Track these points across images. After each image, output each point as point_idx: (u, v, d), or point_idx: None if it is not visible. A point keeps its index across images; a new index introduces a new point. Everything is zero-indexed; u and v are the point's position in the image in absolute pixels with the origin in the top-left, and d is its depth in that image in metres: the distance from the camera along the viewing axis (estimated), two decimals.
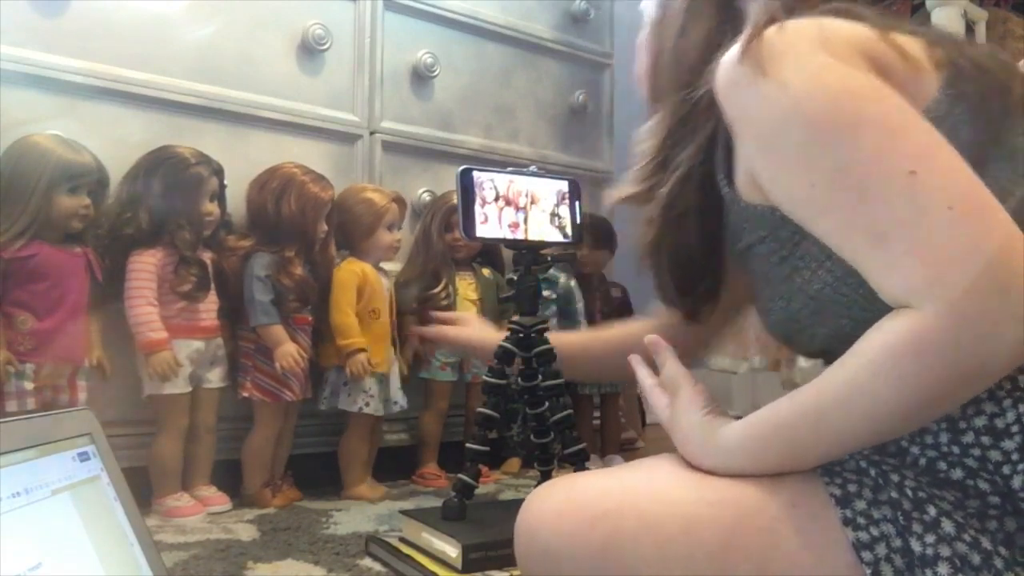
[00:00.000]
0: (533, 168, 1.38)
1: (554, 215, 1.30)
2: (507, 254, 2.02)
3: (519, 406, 1.97)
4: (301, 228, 1.57)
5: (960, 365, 0.55)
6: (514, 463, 1.97)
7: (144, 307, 1.43)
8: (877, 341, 0.58)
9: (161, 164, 1.47)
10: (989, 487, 0.60)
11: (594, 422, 2.16)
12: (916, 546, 0.59)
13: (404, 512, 1.27)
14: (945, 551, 0.58)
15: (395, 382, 1.73)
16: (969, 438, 0.61)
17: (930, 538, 0.58)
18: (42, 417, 0.63)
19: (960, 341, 0.54)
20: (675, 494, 0.68)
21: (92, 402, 1.39)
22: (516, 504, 0.75)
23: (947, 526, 0.58)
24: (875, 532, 0.61)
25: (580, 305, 2.08)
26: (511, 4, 2.14)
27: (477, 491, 1.23)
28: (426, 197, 1.94)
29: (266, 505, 1.54)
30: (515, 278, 1.30)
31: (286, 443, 1.63)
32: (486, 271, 1.94)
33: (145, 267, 1.44)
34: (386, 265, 1.78)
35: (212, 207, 1.52)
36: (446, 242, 1.87)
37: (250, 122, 1.69)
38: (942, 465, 0.62)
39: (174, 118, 1.59)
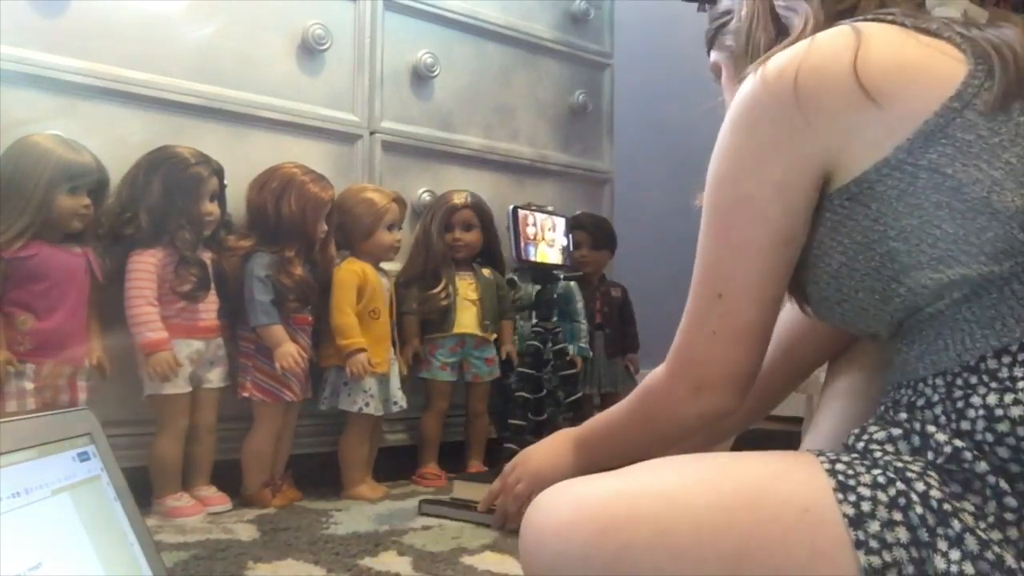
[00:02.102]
0: (550, 208, 1.89)
1: (557, 243, 1.74)
2: (507, 255, 2.03)
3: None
4: (301, 228, 1.57)
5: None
6: None
7: (144, 307, 1.43)
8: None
9: (161, 164, 1.47)
10: (1009, 486, 0.60)
11: None
12: (940, 563, 0.58)
13: (458, 476, 1.61)
14: (969, 569, 0.58)
15: (395, 382, 1.73)
16: (1005, 427, 0.61)
17: (955, 554, 0.58)
18: (42, 417, 0.63)
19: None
20: (687, 498, 0.68)
21: (92, 402, 1.39)
22: None
23: (971, 543, 0.58)
24: (887, 558, 0.60)
25: (580, 305, 2.08)
26: (511, 4, 2.14)
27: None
28: (426, 197, 1.94)
29: (266, 505, 1.54)
30: (539, 290, 1.77)
31: (286, 443, 1.63)
32: (486, 271, 1.94)
33: (145, 267, 1.44)
34: (386, 265, 1.78)
35: (212, 207, 1.52)
36: (446, 242, 1.87)
37: (250, 122, 1.69)
38: (967, 456, 0.61)
39: (174, 118, 1.59)
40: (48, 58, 1.45)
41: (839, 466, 0.66)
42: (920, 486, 0.61)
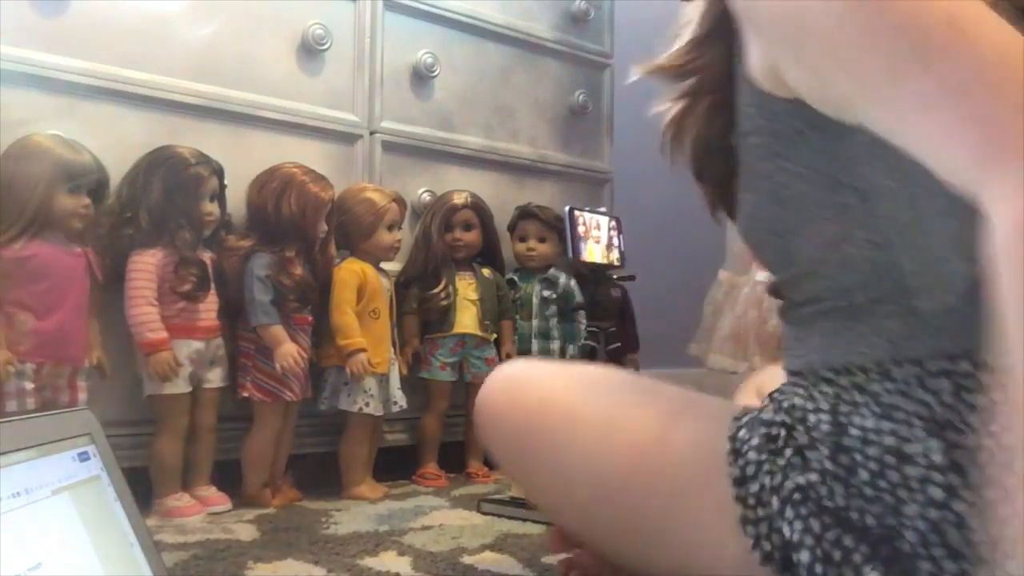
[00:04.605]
0: (602, 208, 1.88)
1: (611, 243, 1.76)
2: (508, 255, 2.04)
3: None
4: (301, 228, 1.57)
5: None
6: None
7: (144, 307, 1.43)
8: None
9: (161, 164, 1.47)
10: (874, 498, 0.65)
11: None
12: (786, 531, 0.67)
13: None
14: (809, 541, 0.66)
15: (395, 382, 1.73)
16: (874, 451, 0.65)
17: (798, 525, 0.67)
18: (42, 417, 0.63)
19: None
20: (590, 436, 0.80)
21: (92, 402, 1.39)
22: None
23: (814, 525, 0.66)
24: (760, 512, 0.69)
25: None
26: (511, 4, 2.14)
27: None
28: (426, 197, 1.94)
29: (266, 505, 1.54)
30: (592, 290, 1.79)
31: (286, 443, 1.63)
32: (486, 271, 1.94)
33: (145, 267, 1.44)
34: (386, 265, 1.78)
35: (212, 207, 1.52)
36: (446, 242, 1.87)
37: (250, 122, 1.69)
38: (843, 459, 0.67)
39: (174, 118, 1.59)
40: (48, 58, 1.45)
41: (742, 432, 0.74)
42: (791, 479, 0.69)
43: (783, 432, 0.71)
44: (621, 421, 0.81)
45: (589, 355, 1.63)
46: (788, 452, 0.70)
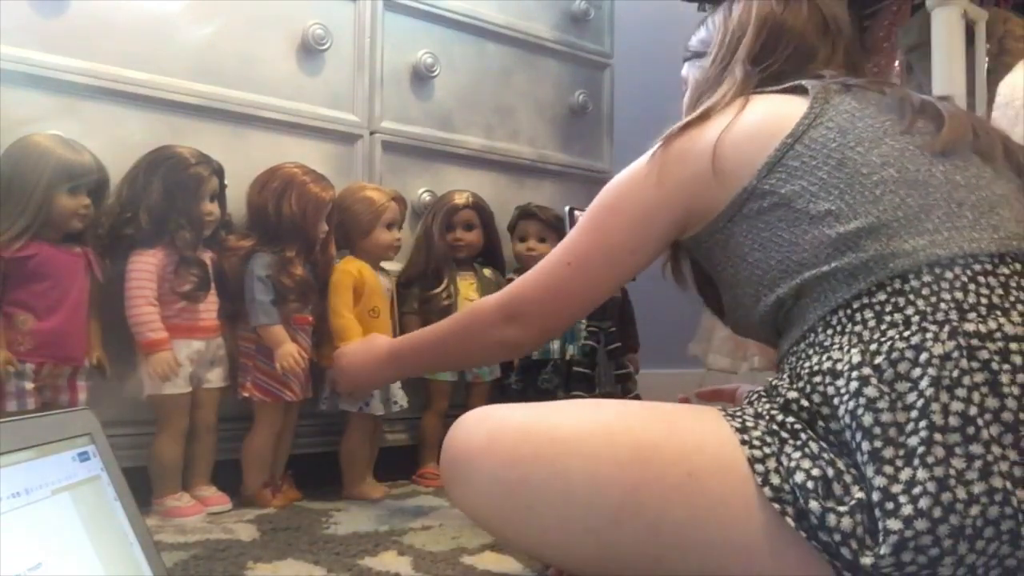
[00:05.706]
0: None
1: None
2: (508, 255, 2.03)
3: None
4: (302, 228, 1.57)
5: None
6: None
7: (144, 307, 1.43)
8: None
9: (161, 164, 1.47)
10: (830, 415, 0.78)
11: None
12: (784, 460, 0.77)
13: None
14: (805, 464, 0.76)
15: (395, 382, 1.73)
16: (818, 378, 0.80)
17: (796, 455, 0.77)
18: (42, 417, 0.63)
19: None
20: (587, 447, 0.81)
21: (92, 402, 1.39)
22: None
23: (813, 447, 0.77)
24: (766, 451, 0.78)
25: None
26: (511, 4, 2.14)
27: None
28: (426, 197, 1.94)
29: (266, 505, 1.54)
30: None
31: (286, 443, 1.63)
32: (487, 271, 1.94)
33: (145, 267, 1.44)
34: (387, 265, 1.78)
35: (212, 207, 1.52)
36: (447, 242, 1.87)
37: (250, 122, 1.69)
38: (803, 402, 0.80)
39: (174, 118, 1.59)
40: (48, 58, 1.45)
41: (735, 414, 0.84)
42: (780, 417, 0.81)
43: (767, 393, 0.85)
44: (621, 428, 0.82)
45: (589, 355, 1.63)
46: (778, 402, 0.82)
